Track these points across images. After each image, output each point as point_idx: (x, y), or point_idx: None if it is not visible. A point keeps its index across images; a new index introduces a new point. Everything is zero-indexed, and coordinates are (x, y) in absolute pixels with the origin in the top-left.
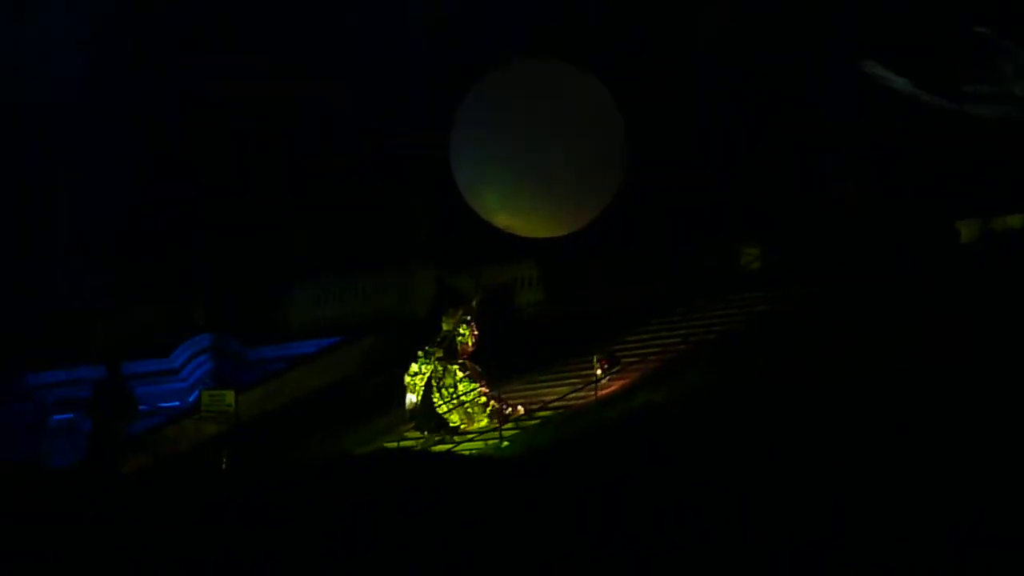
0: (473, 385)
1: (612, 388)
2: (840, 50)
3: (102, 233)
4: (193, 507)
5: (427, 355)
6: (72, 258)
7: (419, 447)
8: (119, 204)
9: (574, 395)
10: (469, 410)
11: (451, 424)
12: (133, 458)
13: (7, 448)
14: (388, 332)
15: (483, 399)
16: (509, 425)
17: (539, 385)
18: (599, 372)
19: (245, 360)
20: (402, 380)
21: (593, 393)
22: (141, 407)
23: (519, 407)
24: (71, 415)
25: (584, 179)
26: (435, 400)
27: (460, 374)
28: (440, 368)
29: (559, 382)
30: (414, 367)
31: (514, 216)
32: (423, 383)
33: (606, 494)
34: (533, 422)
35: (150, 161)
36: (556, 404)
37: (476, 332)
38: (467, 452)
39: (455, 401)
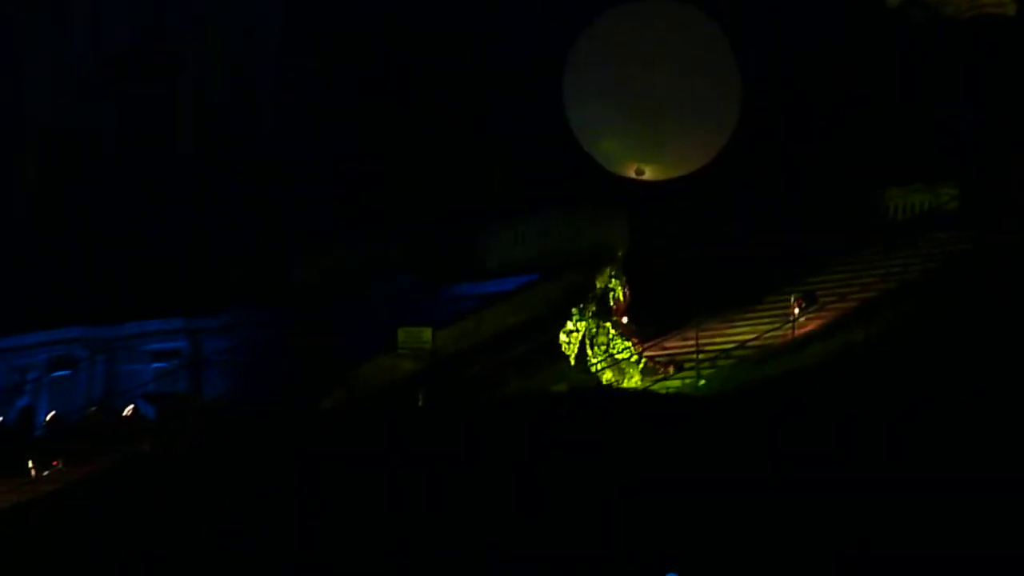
0: (627, 344)
1: (809, 327)
2: None
3: (303, 178)
4: (389, 443)
5: (581, 312)
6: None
7: (614, 385)
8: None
9: (771, 334)
10: (623, 367)
11: (604, 381)
12: (331, 394)
13: (206, 384)
14: (584, 270)
15: (634, 357)
16: (705, 364)
17: (736, 323)
18: (796, 311)
19: (443, 298)
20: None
21: (790, 332)
22: (341, 344)
23: (670, 367)
24: (268, 352)
25: (701, 114)
26: (588, 357)
27: (613, 332)
28: (594, 325)
29: (756, 321)
30: (569, 324)
31: (633, 156)
32: (578, 341)
33: (801, 434)
34: (730, 361)
35: (356, 115)
36: (753, 343)
37: (627, 288)
38: (664, 390)
39: (608, 360)
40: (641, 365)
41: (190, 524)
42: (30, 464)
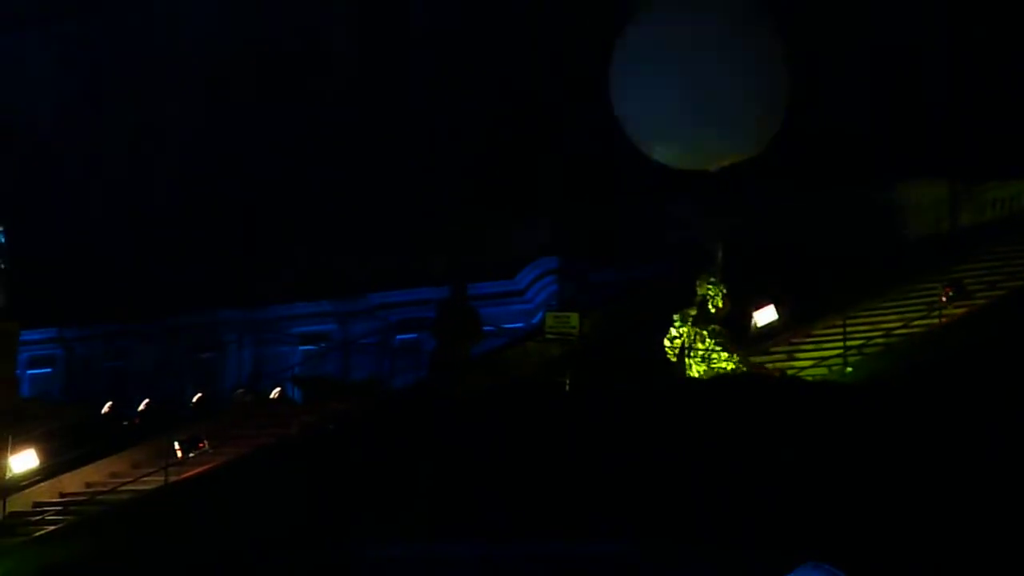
0: (725, 353)
1: (955, 316)
2: None
3: (452, 155)
4: (536, 427)
5: (683, 318)
6: (419, 181)
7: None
8: (472, 134)
9: (918, 322)
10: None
11: None
12: (477, 378)
13: (352, 366)
14: (729, 256)
15: (731, 365)
16: (853, 351)
17: (883, 311)
18: (944, 299)
19: (589, 283)
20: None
21: (936, 320)
22: (485, 328)
23: (775, 372)
24: (414, 335)
25: (751, 105)
26: (687, 364)
27: (710, 341)
28: (693, 332)
29: (903, 308)
30: (672, 331)
31: (680, 147)
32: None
33: (949, 422)
34: (876, 349)
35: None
36: (899, 331)
37: (726, 292)
38: (811, 378)
39: (705, 367)
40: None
41: (339, 505)
42: (176, 446)
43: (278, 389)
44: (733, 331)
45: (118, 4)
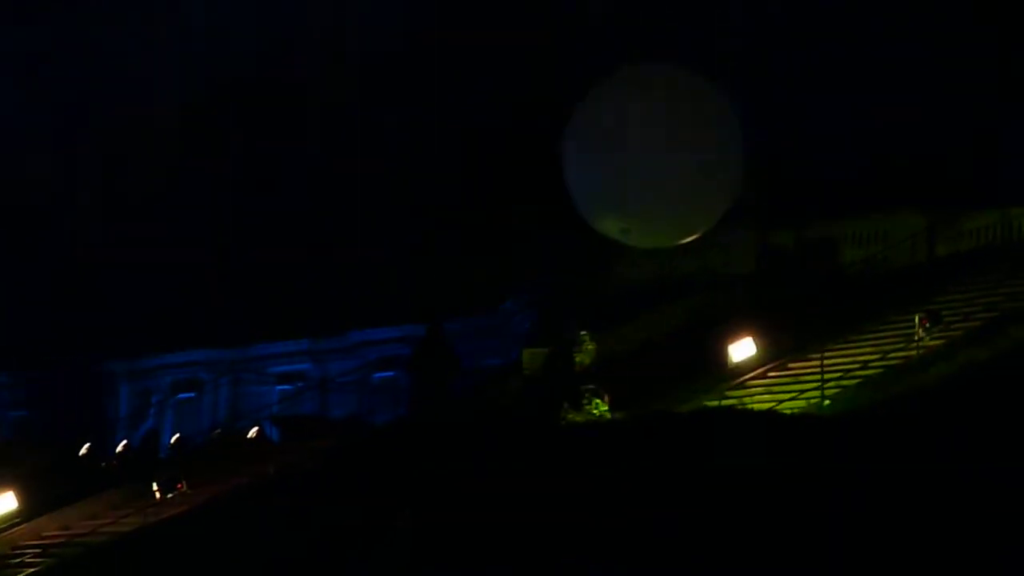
0: (597, 399)
1: (933, 347)
2: None
3: (431, 191)
4: (518, 459)
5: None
6: (398, 217)
7: (740, 406)
8: (452, 171)
9: (895, 353)
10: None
11: None
12: (456, 413)
13: (331, 404)
14: (710, 290)
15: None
16: (831, 383)
17: (860, 343)
18: (921, 330)
19: (570, 317)
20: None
21: (914, 352)
22: (464, 363)
23: None
24: (393, 372)
25: (703, 185)
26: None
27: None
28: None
29: (880, 340)
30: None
31: (632, 226)
32: None
33: (925, 453)
34: (854, 381)
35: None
36: (877, 362)
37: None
38: (789, 411)
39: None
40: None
41: (320, 543)
42: (155, 487)
43: (256, 428)
44: (712, 366)
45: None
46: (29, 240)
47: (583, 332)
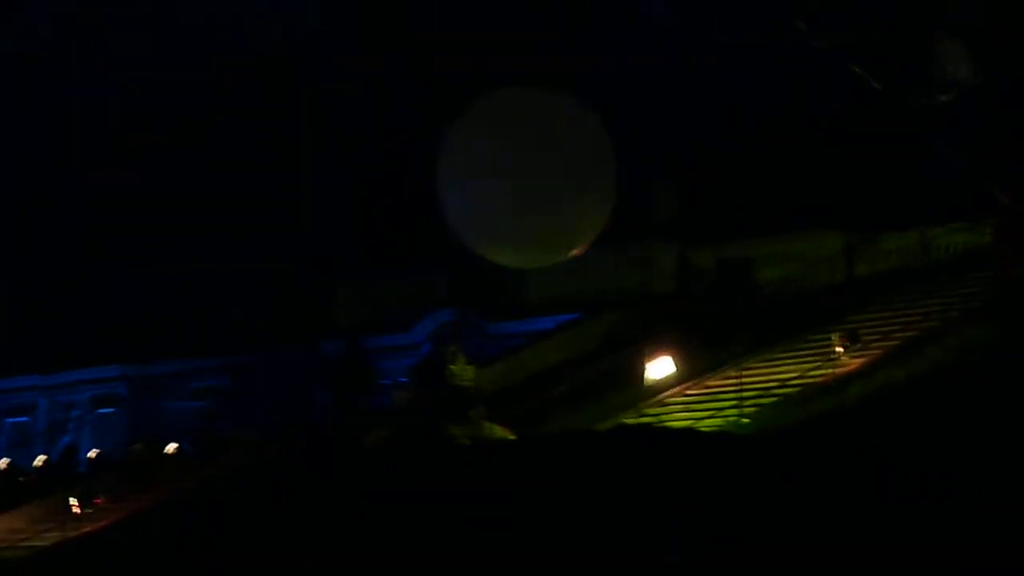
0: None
1: (852, 366)
2: None
3: (348, 207)
4: (432, 479)
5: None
6: (315, 233)
7: (657, 423)
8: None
9: (813, 372)
10: None
11: None
12: (373, 431)
13: (246, 421)
14: (628, 308)
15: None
16: (749, 402)
17: (778, 361)
18: (839, 349)
19: (485, 334)
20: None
21: (832, 370)
22: (381, 381)
23: None
24: (309, 390)
25: (575, 206)
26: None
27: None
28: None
29: (798, 358)
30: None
31: (504, 246)
32: None
33: (844, 474)
34: (772, 399)
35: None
36: (795, 381)
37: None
38: (706, 429)
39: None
40: None
41: (233, 561)
42: (73, 501)
43: (174, 444)
44: (630, 383)
45: None
46: None
47: (453, 347)
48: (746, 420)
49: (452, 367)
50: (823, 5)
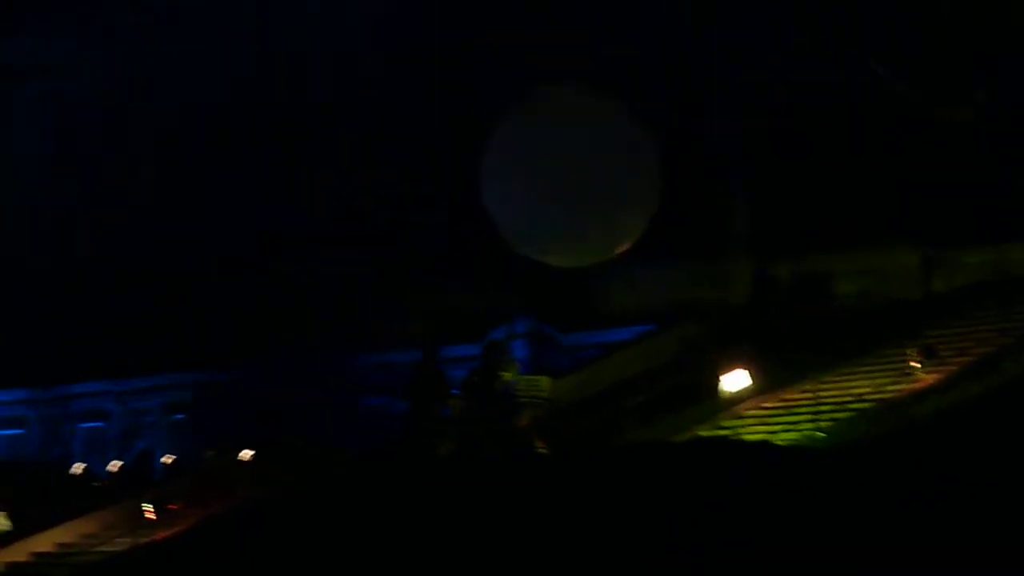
0: None
1: (928, 380)
2: None
3: (425, 219)
4: (505, 490)
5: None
6: (392, 244)
7: (733, 436)
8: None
9: (889, 387)
10: None
11: None
12: (447, 441)
13: (323, 429)
14: (705, 320)
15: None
16: (825, 416)
17: (855, 376)
18: (916, 364)
19: (561, 346)
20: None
21: (908, 385)
22: (454, 391)
23: None
24: (386, 399)
25: (617, 206)
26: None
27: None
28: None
29: (875, 373)
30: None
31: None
32: None
33: (919, 489)
34: (848, 414)
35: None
36: (871, 395)
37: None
38: (782, 442)
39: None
40: None
41: (308, 568)
42: (147, 507)
43: (249, 451)
44: (704, 395)
45: None
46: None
47: (505, 355)
48: (822, 434)
49: (504, 374)
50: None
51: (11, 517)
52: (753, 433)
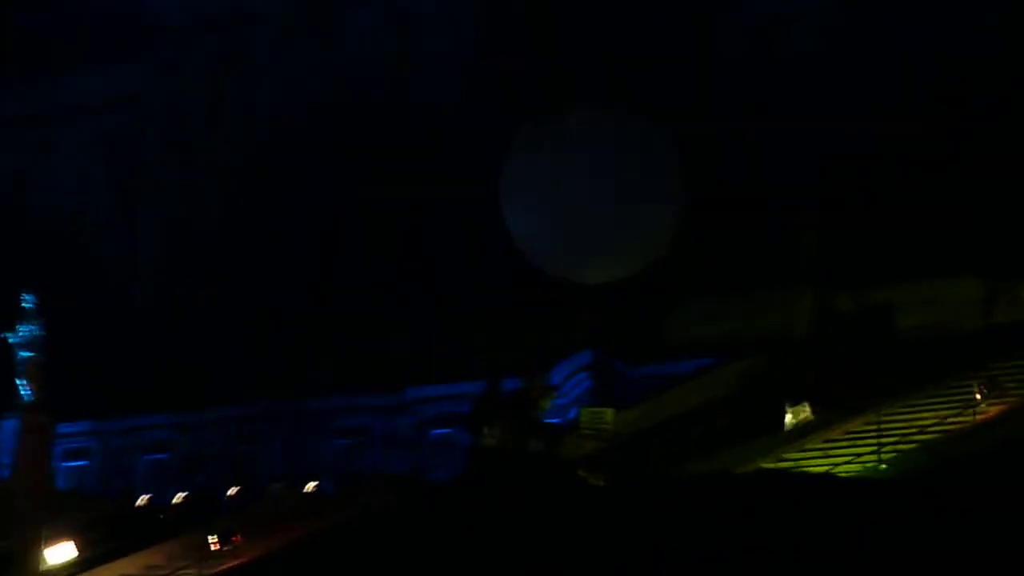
0: None
1: (991, 413)
2: None
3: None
4: (568, 522)
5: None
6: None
7: (795, 469)
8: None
9: (952, 419)
10: None
11: None
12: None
13: (388, 460)
14: (767, 352)
15: None
16: (888, 448)
17: (917, 408)
18: (978, 396)
19: (624, 378)
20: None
21: (971, 417)
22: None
23: None
24: (450, 429)
25: (638, 226)
26: None
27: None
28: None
29: (937, 405)
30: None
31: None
32: None
33: (981, 519)
34: (911, 446)
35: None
36: (934, 427)
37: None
38: (844, 474)
39: None
40: None
41: None
42: (212, 538)
43: (314, 483)
44: (766, 426)
45: None
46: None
47: (540, 383)
48: (884, 466)
49: (542, 402)
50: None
51: (78, 547)
52: (815, 465)
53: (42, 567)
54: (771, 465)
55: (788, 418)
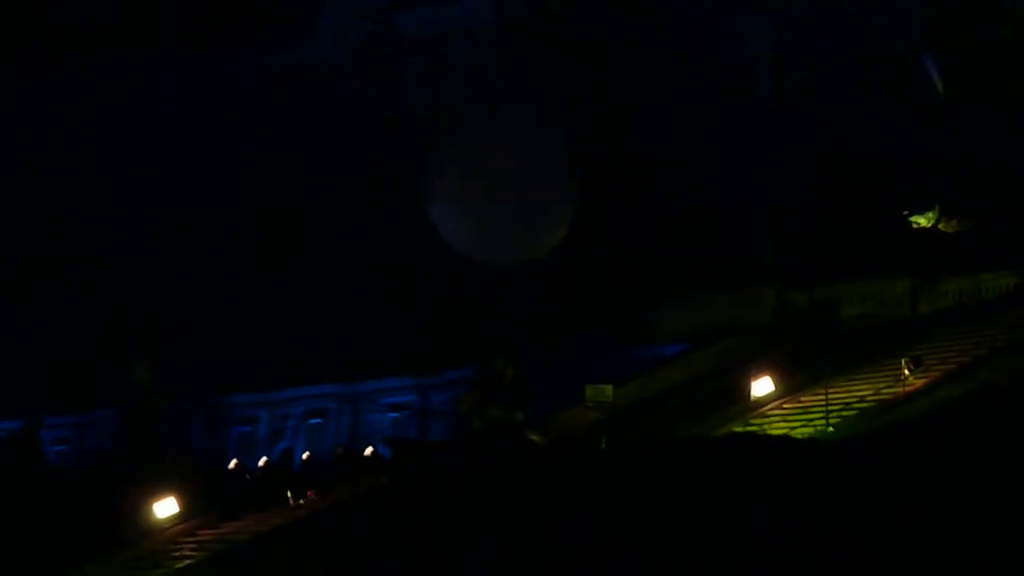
0: None
1: (916, 385)
2: None
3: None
4: (575, 480)
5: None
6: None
7: (760, 431)
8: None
9: (886, 390)
10: None
11: None
12: (530, 438)
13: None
14: (738, 337)
15: None
16: (834, 415)
17: (858, 381)
18: (906, 372)
19: (623, 357)
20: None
21: (901, 389)
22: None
23: None
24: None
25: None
26: None
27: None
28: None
29: (874, 379)
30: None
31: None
32: None
33: (912, 476)
34: (852, 412)
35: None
36: (871, 397)
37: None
38: (799, 436)
39: None
40: None
41: (424, 544)
42: (289, 495)
43: (371, 448)
44: (738, 399)
45: None
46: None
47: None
48: (831, 429)
49: (507, 373)
50: None
51: (180, 502)
52: (776, 428)
53: (151, 518)
54: (740, 428)
55: (753, 391)
